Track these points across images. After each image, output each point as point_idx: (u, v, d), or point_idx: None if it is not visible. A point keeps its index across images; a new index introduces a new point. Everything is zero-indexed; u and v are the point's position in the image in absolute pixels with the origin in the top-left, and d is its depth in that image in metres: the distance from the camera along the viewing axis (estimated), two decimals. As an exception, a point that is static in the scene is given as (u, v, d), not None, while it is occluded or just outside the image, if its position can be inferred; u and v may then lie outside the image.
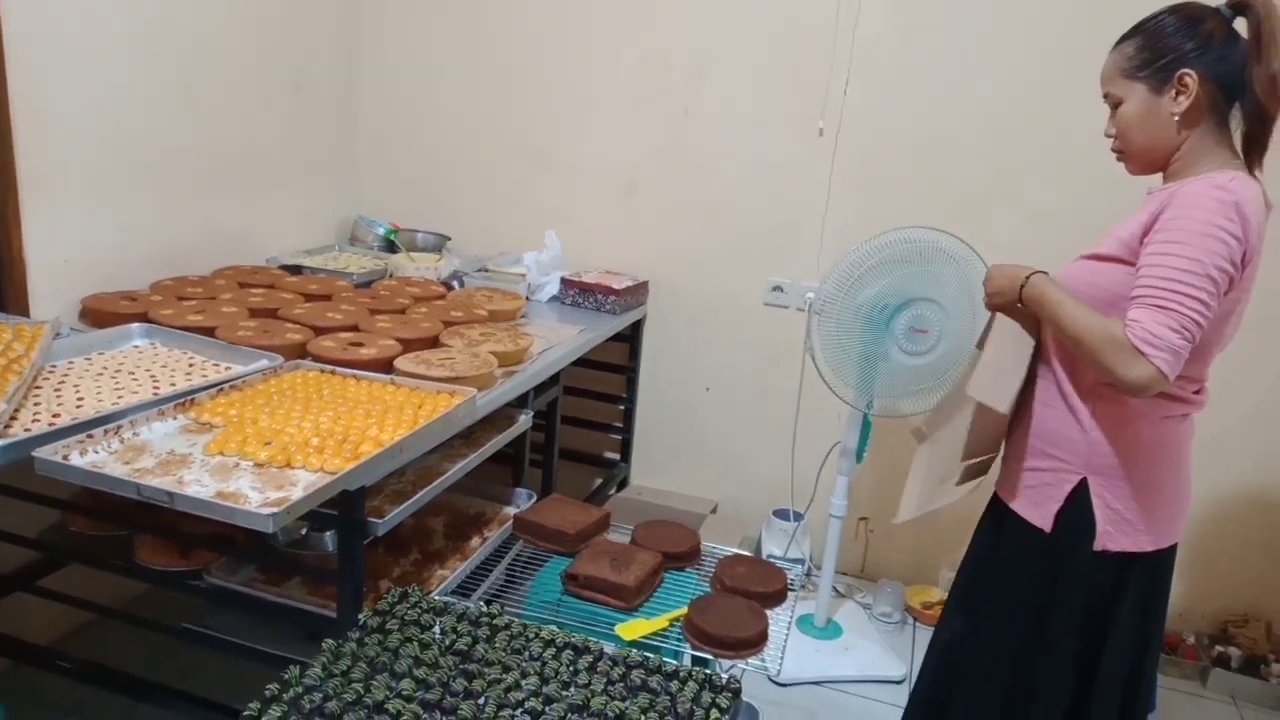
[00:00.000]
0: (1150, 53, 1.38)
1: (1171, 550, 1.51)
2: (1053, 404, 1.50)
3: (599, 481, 3.05)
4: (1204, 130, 1.37)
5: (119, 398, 1.61)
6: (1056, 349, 1.50)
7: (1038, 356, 1.54)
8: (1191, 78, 1.34)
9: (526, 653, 1.28)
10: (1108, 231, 1.43)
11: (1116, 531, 1.45)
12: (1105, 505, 1.45)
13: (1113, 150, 1.47)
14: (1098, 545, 1.46)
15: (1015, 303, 1.51)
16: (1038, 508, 1.52)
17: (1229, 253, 1.28)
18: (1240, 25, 1.35)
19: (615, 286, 2.71)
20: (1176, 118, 1.37)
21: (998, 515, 1.62)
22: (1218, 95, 1.35)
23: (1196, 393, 1.45)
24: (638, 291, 2.86)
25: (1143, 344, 1.26)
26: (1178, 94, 1.35)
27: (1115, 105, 1.44)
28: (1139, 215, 1.38)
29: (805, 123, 2.71)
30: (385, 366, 1.88)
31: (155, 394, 1.63)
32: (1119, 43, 1.43)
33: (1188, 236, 1.28)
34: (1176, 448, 1.46)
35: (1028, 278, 1.48)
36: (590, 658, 1.28)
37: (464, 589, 1.78)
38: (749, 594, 1.60)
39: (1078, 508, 1.47)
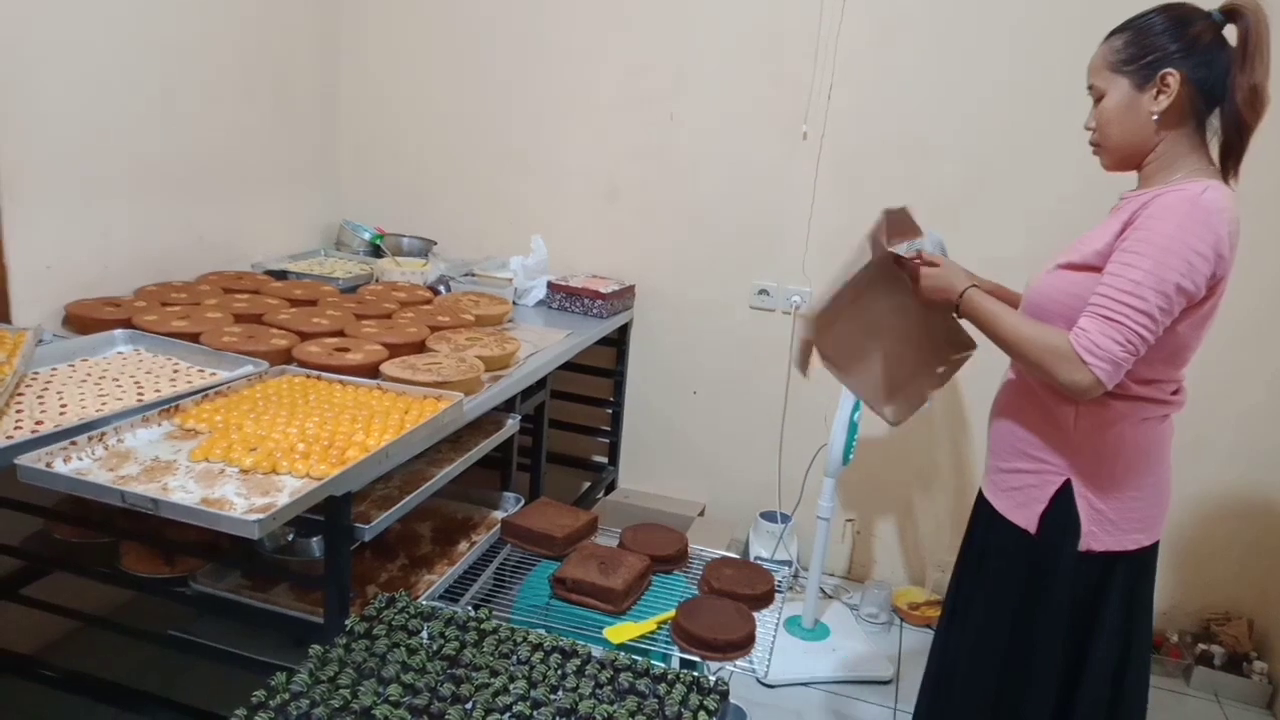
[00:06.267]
0: (1136, 49, 1.38)
1: (1154, 548, 1.52)
2: (1035, 408, 1.52)
3: (587, 485, 3.05)
4: (1181, 133, 1.39)
5: (103, 404, 1.60)
6: None
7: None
8: (1174, 78, 1.35)
9: (514, 656, 1.28)
10: (1079, 239, 1.45)
11: (1100, 532, 1.46)
12: (1089, 506, 1.46)
13: (1090, 143, 1.49)
14: (1082, 546, 1.47)
15: (952, 308, 1.55)
16: (1022, 510, 1.53)
17: (1191, 270, 1.30)
18: (1231, 33, 1.36)
19: (602, 290, 2.72)
20: (1156, 116, 1.38)
21: (984, 517, 1.63)
22: (1198, 99, 1.36)
23: (1175, 393, 1.47)
24: (624, 295, 2.86)
25: (1085, 353, 1.33)
26: (1159, 93, 1.37)
27: (1098, 98, 1.45)
28: (1110, 223, 1.40)
29: (789, 126, 2.73)
30: (371, 371, 1.88)
31: (139, 400, 1.62)
32: (1109, 36, 1.44)
33: (1152, 250, 1.31)
34: (1157, 448, 1.47)
35: (963, 293, 1.51)
36: (578, 661, 1.28)
37: (452, 594, 1.78)
38: (736, 596, 1.61)
39: (1062, 509, 1.48)
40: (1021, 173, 2.57)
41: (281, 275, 2.60)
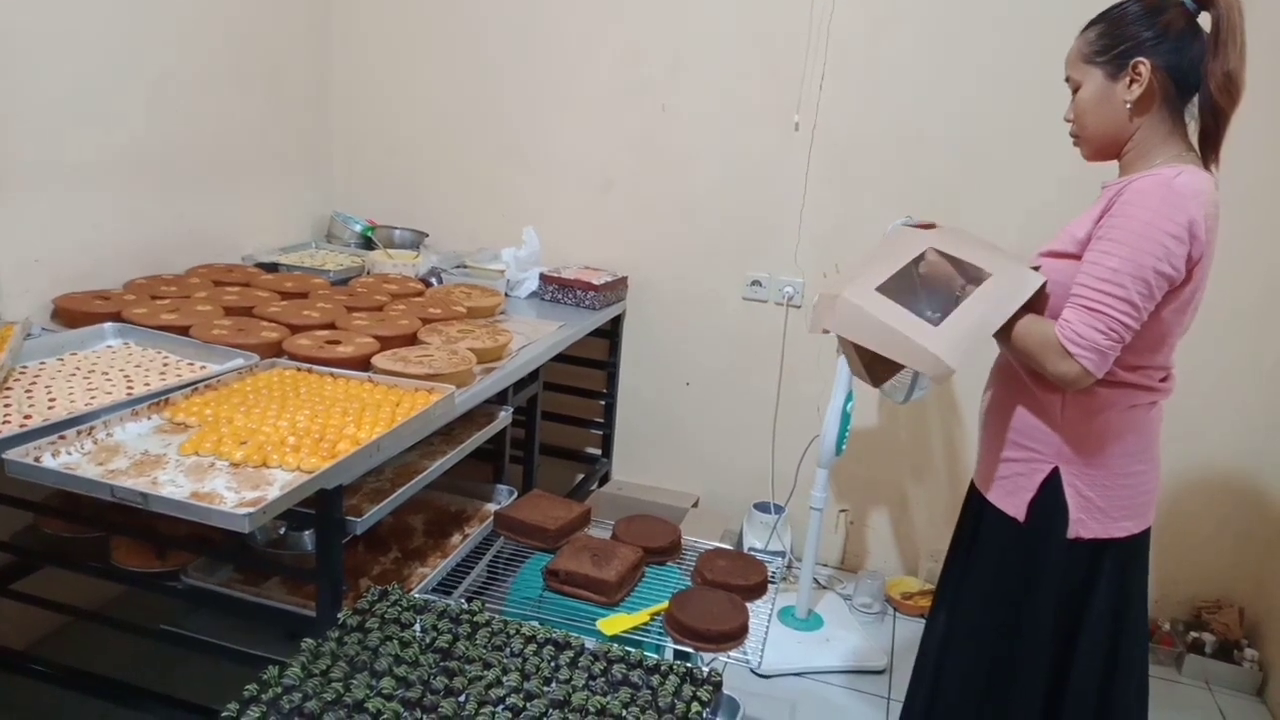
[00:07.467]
0: (1109, 39, 1.39)
1: (1145, 535, 1.53)
2: (1024, 395, 1.52)
3: (580, 477, 3.05)
4: (1156, 120, 1.39)
5: (92, 398, 1.59)
6: None
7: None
8: (1145, 66, 1.35)
9: (507, 649, 1.28)
10: (1064, 228, 1.46)
11: (1089, 519, 1.47)
12: (1077, 494, 1.47)
13: (1070, 134, 1.49)
14: (1071, 533, 1.47)
15: None
16: (1011, 498, 1.53)
17: (1168, 254, 1.31)
18: (1205, 21, 1.36)
19: (594, 282, 2.71)
20: (1129, 105, 1.39)
21: (975, 506, 1.64)
22: (1171, 86, 1.37)
23: (1163, 380, 1.47)
24: (617, 287, 2.86)
25: (1069, 344, 1.34)
26: (1131, 82, 1.37)
27: (1075, 89, 1.46)
28: (1091, 210, 1.41)
29: (781, 117, 2.72)
30: (363, 364, 1.87)
31: (129, 394, 1.61)
32: (1086, 28, 1.45)
33: (1127, 237, 1.32)
34: (1146, 434, 1.48)
35: None
36: (571, 653, 1.28)
37: (445, 586, 1.78)
38: (730, 587, 1.61)
39: (1050, 497, 1.48)
40: (1017, 163, 2.57)
41: (272, 268, 2.58)
